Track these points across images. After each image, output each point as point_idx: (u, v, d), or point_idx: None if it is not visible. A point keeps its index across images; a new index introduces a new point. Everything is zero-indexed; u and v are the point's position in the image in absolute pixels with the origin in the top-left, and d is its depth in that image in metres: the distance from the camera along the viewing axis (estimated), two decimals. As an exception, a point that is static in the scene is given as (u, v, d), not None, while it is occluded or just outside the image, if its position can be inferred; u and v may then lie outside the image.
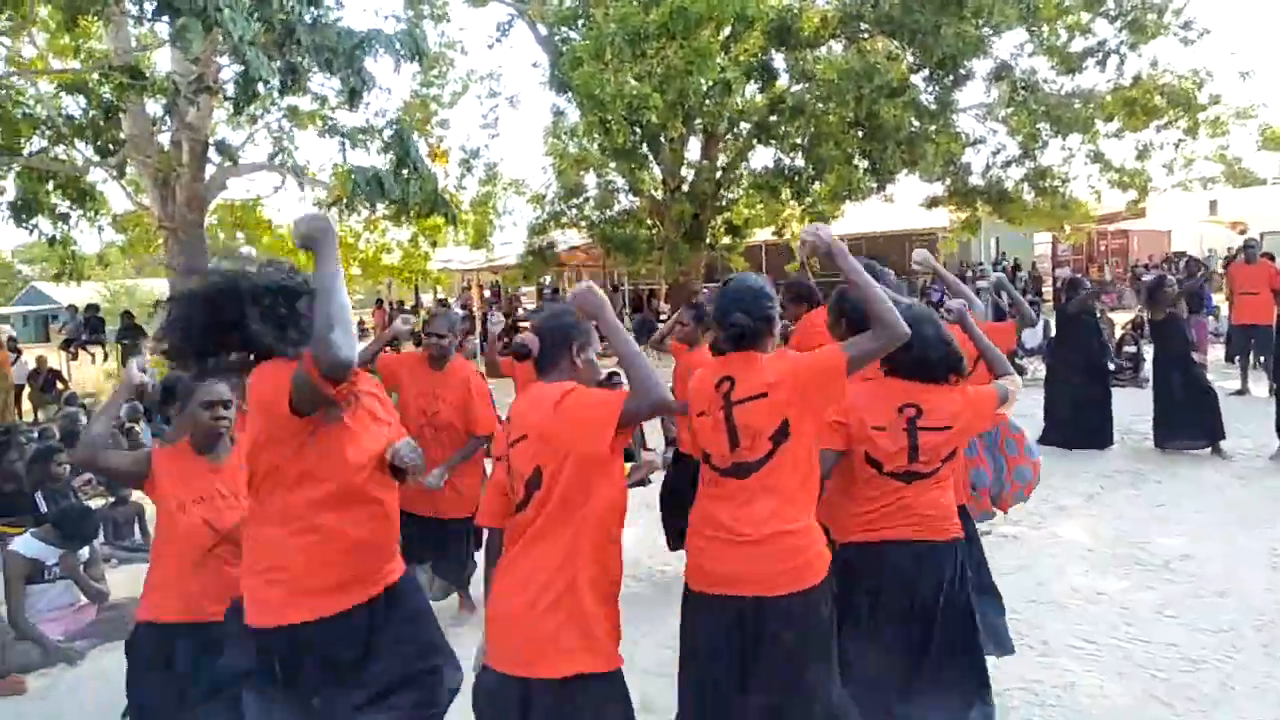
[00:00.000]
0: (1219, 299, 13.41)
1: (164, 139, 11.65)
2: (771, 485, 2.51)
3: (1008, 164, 17.35)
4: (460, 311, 11.49)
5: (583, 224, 17.62)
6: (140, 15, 9.56)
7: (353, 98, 9.47)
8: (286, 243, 21.48)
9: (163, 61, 12.38)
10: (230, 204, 17.94)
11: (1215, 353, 12.14)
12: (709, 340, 2.93)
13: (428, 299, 27.03)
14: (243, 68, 7.94)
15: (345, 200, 10.85)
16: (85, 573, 4.82)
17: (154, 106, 11.34)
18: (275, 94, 10.42)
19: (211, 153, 11.78)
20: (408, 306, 22.63)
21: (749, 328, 2.56)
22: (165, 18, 7.77)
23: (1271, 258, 10.89)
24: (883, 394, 2.95)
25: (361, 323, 28.89)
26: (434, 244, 19.13)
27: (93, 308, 18.48)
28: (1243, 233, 17.17)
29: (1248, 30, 69.94)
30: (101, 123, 10.43)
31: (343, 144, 10.94)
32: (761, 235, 19.82)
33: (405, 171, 10.33)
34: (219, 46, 9.88)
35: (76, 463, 2.64)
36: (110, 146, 10.70)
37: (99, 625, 4.71)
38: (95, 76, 10.36)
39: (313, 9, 8.71)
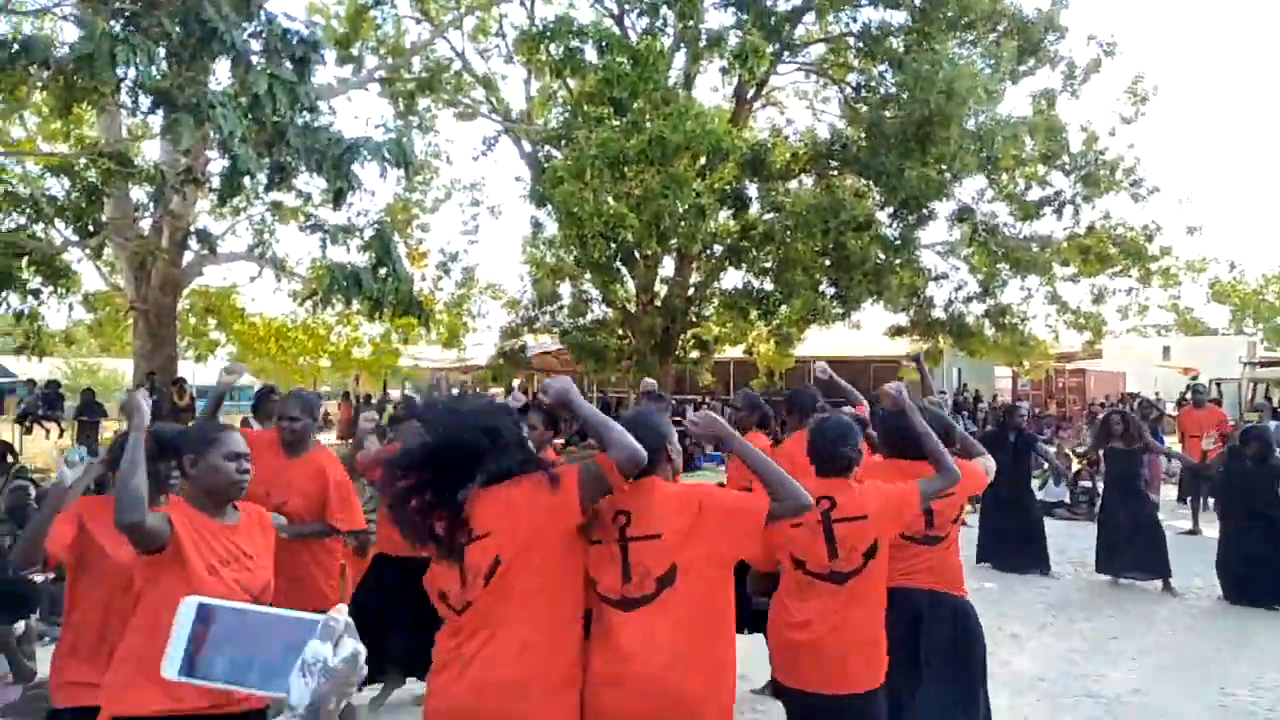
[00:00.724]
0: (1171, 441, 13.75)
1: (145, 224, 11.78)
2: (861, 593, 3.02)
3: (969, 299, 17.93)
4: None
5: (555, 330, 17.85)
6: (135, 107, 9.83)
7: (338, 198, 9.69)
8: (258, 330, 21.53)
9: (151, 150, 12.65)
10: (204, 290, 18.00)
11: (1168, 492, 12.37)
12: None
13: (396, 394, 26.95)
14: (230, 162, 8.15)
15: (321, 294, 10.96)
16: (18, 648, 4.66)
17: (138, 192, 11.52)
18: (261, 189, 10.65)
19: (191, 240, 11.91)
20: (374, 401, 22.54)
21: (851, 459, 3.10)
22: (159, 111, 8.02)
23: (1218, 403, 11.26)
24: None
25: (326, 415, 28.71)
26: (405, 341, 19.26)
27: (53, 383, 18.22)
28: (1194, 378, 17.72)
29: (1198, 186, 73.82)
30: (84, 205, 10.56)
31: (323, 240, 11.12)
32: (731, 352, 20.15)
33: (383, 271, 10.50)
34: (209, 141, 10.14)
35: (122, 527, 2.30)
36: (90, 228, 10.81)
37: (25, 703, 4.52)
38: (83, 161, 10.55)
39: (305, 114, 9.02)
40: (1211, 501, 10.57)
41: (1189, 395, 11.18)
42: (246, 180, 8.68)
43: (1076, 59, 16.51)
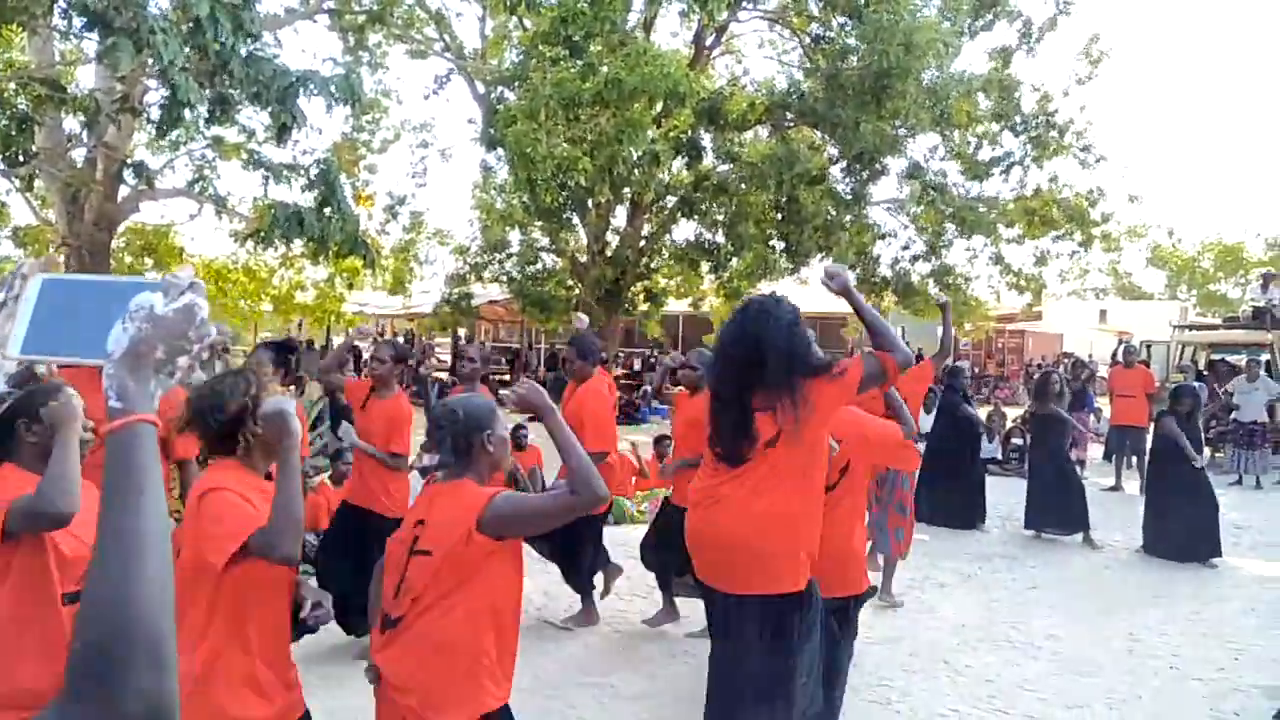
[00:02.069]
0: (1101, 401, 14.20)
1: (78, 155, 11.37)
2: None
3: (915, 259, 18.16)
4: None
5: (503, 279, 17.72)
6: (68, 30, 9.41)
7: (281, 134, 9.42)
8: (196, 271, 20.97)
9: (86, 77, 12.16)
10: (140, 227, 17.48)
11: (1094, 450, 12.81)
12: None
13: (338, 341, 26.63)
14: (170, 92, 7.87)
15: (263, 234, 10.72)
16: None
17: (71, 122, 11.08)
18: (201, 122, 10.31)
19: (127, 174, 11.53)
20: (317, 347, 22.24)
21: None
22: (94, 34, 7.69)
23: (1147, 364, 11.62)
24: None
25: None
26: (350, 286, 18.95)
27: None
28: (1125, 341, 18.20)
29: (1140, 152, 75.12)
30: (13, 133, 10.12)
31: (266, 178, 10.85)
32: (678, 306, 20.21)
33: (328, 210, 10.29)
34: (148, 69, 9.77)
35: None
36: (20, 157, 10.38)
37: None
38: (12, 86, 10.11)
39: (249, 42, 8.73)
40: (1134, 459, 10.97)
41: (1120, 356, 11.52)
42: (187, 112, 8.40)
43: (1034, 16, 16.57)
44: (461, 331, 23.62)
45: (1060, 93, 17.39)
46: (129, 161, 11.65)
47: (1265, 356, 12.85)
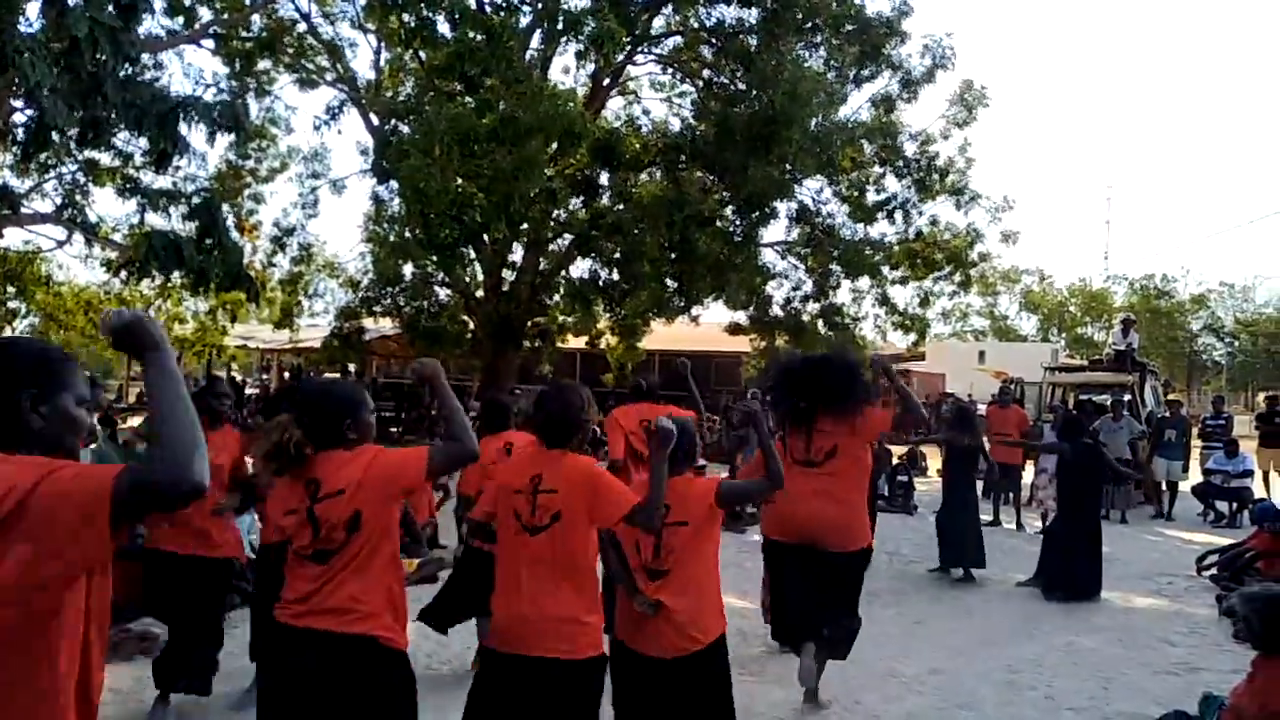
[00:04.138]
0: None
1: (-67, 176, 10.67)
2: None
3: (805, 299, 18.62)
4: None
5: (395, 313, 17.35)
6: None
7: (161, 160, 9.08)
8: (65, 301, 19.89)
9: (-56, 95, 11.43)
10: (3, 253, 16.47)
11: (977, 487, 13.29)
12: None
13: (222, 375, 25.55)
14: (37, 114, 7.48)
15: (138, 264, 10.22)
16: None
17: (-73, 141, 10.41)
18: (72, 145, 9.83)
19: (-11, 197, 10.86)
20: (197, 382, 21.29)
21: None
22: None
23: (1021, 404, 12.18)
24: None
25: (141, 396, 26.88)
26: (234, 319, 18.24)
27: None
28: (1005, 381, 18.98)
29: (1016, 196, 79.42)
30: None
31: (143, 205, 10.39)
32: (576, 343, 20.17)
33: (209, 241, 9.90)
34: (15, 89, 9.27)
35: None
36: None
37: None
38: None
39: (127, 66, 8.38)
40: (1011, 495, 11.42)
41: (996, 396, 12.05)
42: (55, 135, 8.00)
43: (913, 66, 17.21)
44: (351, 366, 22.99)
45: (940, 135, 18.17)
46: (-10, 184, 11.00)
47: (1128, 397, 13.62)
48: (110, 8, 7.71)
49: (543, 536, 3.05)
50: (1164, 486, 12.76)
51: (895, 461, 13.53)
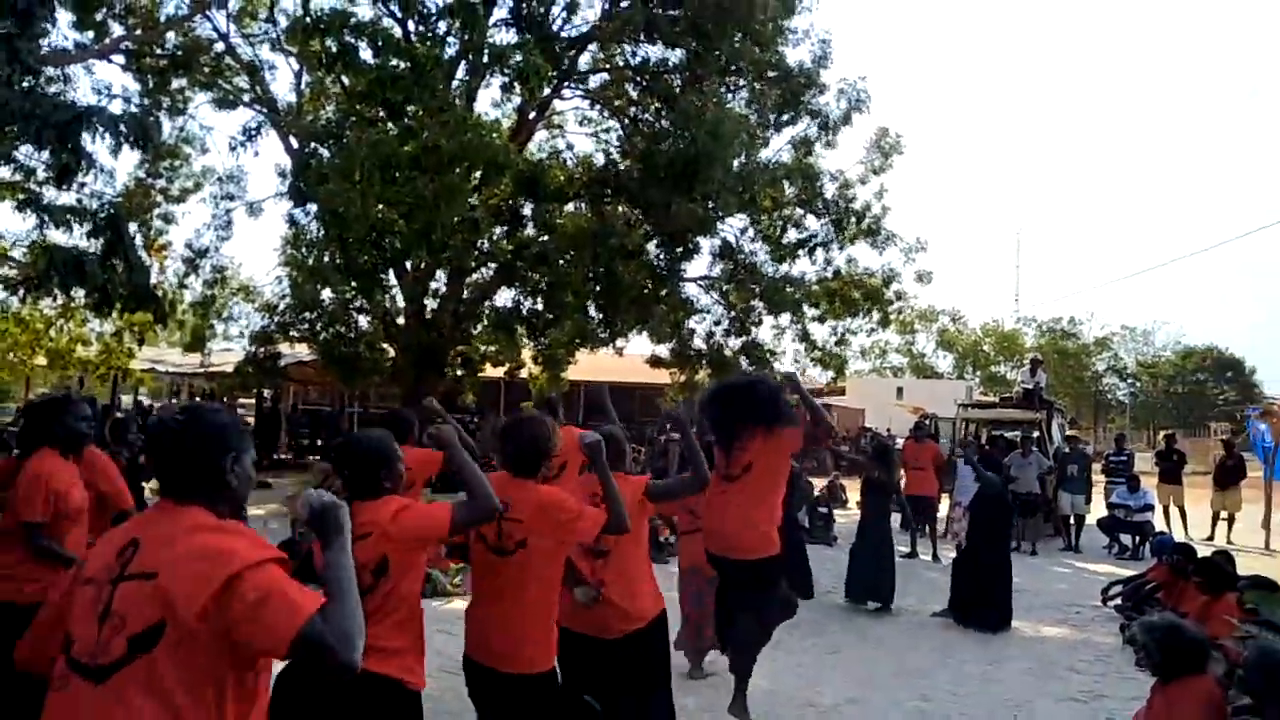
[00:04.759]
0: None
1: None
2: None
3: (727, 334, 18.77)
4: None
5: (311, 338, 16.90)
6: None
7: (63, 175, 8.69)
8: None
9: None
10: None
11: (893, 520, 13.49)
12: None
13: (127, 400, 24.53)
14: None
15: (37, 280, 9.74)
16: None
17: None
18: (-33, 157, 9.37)
19: None
20: (100, 406, 20.36)
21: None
22: None
23: (936, 439, 12.44)
24: None
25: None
26: (141, 342, 17.52)
27: None
28: (923, 416, 19.43)
29: (931, 237, 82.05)
30: None
31: (42, 220, 9.93)
32: (498, 371, 19.93)
33: (114, 260, 9.49)
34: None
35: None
36: None
37: None
38: None
39: (29, 78, 8.04)
40: (926, 527, 11.62)
41: (912, 431, 12.30)
42: (-53, 144, 7.60)
43: (830, 110, 17.63)
44: (267, 392, 22.30)
45: (857, 180, 18.63)
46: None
47: (1036, 434, 14.04)
48: (7, 16, 7.39)
49: (509, 559, 3.28)
50: (1070, 519, 13.13)
51: (816, 494, 13.67)
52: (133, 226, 10.92)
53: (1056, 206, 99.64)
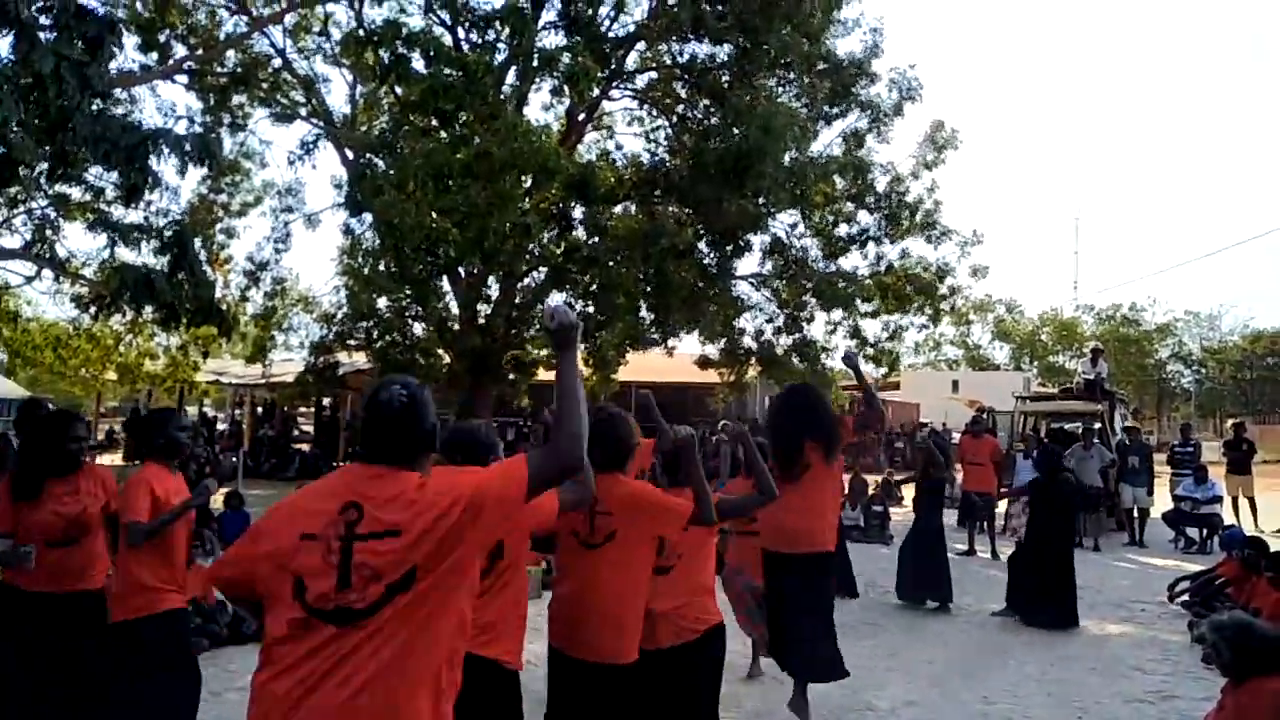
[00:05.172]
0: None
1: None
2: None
3: (778, 331, 18.71)
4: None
5: (368, 347, 17.25)
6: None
7: (131, 195, 8.98)
8: (33, 337, 19.59)
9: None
10: (-30, 289, 16.26)
11: (948, 517, 13.34)
12: None
13: (193, 411, 25.23)
14: (3, 149, 7.41)
15: (109, 299, 10.11)
16: None
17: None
18: (42, 180, 9.76)
19: (-45, 233, 10.75)
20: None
21: None
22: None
23: (994, 433, 12.27)
24: None
25: (114, 433, 26.46)
26: (206, 354, 18.05)
27: None
28: (980, 410, 19.13)
29: (987, 227, 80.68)
30: None
31: (112, 239, 10.29)
32: (550, 374, 20.14)
33: (180, 275, 9.80)
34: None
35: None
36: None
37: None
38: None
39: (97, 100, 8.33)
40: (985, 524, 11.49)
41: (969, 425, 12.15)
42: (22, 170, 7.92)
43: (882, 101, 17.44)
44: (326, 401, 22.80)
45: (909, 174, 18.42)
46: (-44, 220, 10.88)
47: (1098, 425, 13.76)
48: (78, 43, 7.68)
49: (599, 552, 3.39)
50: (1134, 513, 12.87)
51: (871, 492, 13.57)
52: (197, 242, 11.23)
53: (1116, 189, 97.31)
